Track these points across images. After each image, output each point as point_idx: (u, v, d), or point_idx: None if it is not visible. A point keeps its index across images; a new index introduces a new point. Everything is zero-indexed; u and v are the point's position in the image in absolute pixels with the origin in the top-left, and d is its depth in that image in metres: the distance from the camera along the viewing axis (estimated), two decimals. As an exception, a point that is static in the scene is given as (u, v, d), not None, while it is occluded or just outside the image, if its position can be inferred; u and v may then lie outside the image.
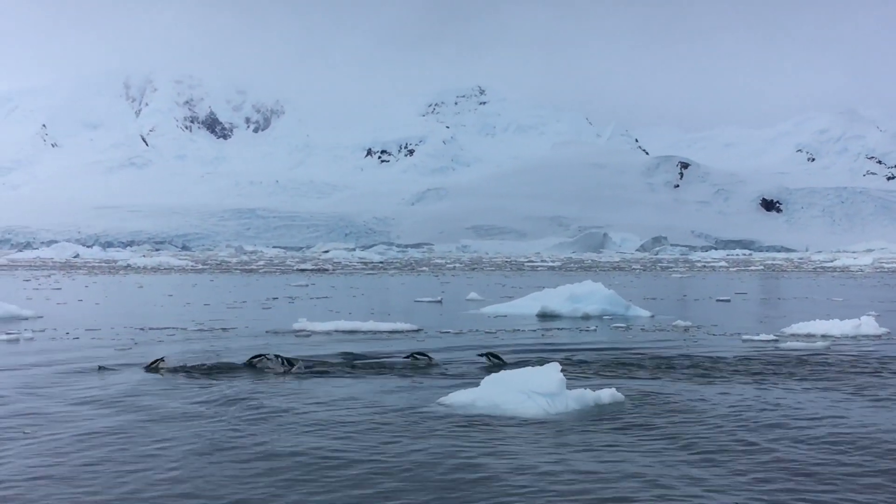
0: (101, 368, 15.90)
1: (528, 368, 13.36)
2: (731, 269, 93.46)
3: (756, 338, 22.03)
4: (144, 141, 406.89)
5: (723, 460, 9.73)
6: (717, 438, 10.68)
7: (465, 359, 17.72)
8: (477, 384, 13.05)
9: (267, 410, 12.13)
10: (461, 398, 12.54)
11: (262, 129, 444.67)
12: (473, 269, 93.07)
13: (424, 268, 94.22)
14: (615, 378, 15.16)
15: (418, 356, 17.26)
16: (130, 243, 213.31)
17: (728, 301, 39.52)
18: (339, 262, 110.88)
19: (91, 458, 9.63)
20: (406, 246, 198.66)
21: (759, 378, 15.36)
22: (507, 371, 13.36)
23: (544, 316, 29.63)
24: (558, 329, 25.52)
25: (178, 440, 10.42)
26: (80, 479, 8.86)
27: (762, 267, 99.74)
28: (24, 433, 10.67)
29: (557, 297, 30.94)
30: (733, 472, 9.27)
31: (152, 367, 15.82)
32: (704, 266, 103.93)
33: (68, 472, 9.12)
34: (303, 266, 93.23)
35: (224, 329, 24.32)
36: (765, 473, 9.21)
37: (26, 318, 27.23)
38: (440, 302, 37.55)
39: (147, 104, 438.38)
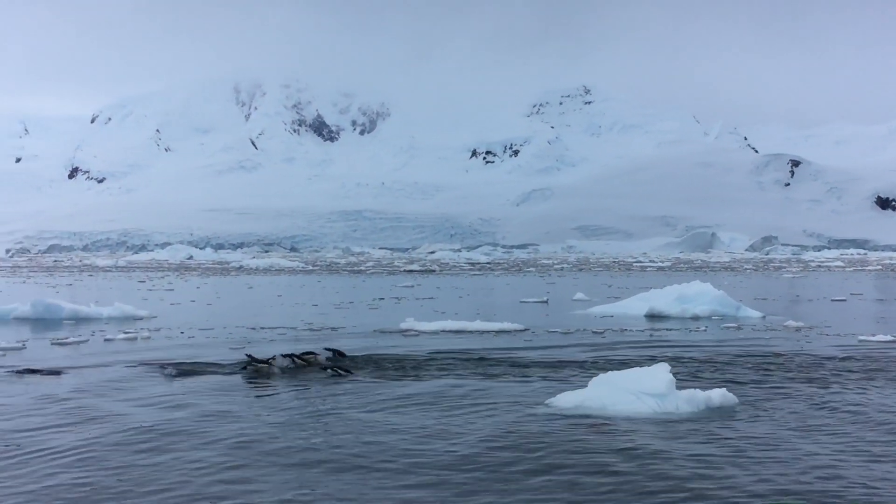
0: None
1: (637, 369, 13.19)
2: (846, 269, 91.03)
3: (872, 339, 21.40)
4: (254, 144, 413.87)
5: (840, 463, 9.47)
6: (833, 441, 10.41)
7: (575, 358, 17.59)
8: (584, 385, 12.95)
9: (369, 414, 12.19)
10: (569, 399, 12.43)
11: (368, 132, 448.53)
12: (580, 269, 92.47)
13: (531, 269, 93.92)
14: (726, 379, 14.88)
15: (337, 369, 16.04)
16: (240, 245, 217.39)
17: (843, 301, 38.48)
18: (447, 264, 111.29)
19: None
20: (511, 247, 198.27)
21: (874, 379, 14.91)
22: (616, 372, 13.21)
23: (652, 316, 29.29)
24: (667, 329, 25.18)
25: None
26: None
27: (880, 266, 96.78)
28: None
29: (665, 298, 30.55)
30: (857, 470, 9.02)
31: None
32: (819, 266, 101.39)
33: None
34: (410, 267, 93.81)
35: (333, 329, 24.59)
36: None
37: (141, 318, 27.95)
38: (546, 302, 37.38)
39: (256, 108, 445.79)
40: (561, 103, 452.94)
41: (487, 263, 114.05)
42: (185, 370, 15.83)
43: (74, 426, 11.14)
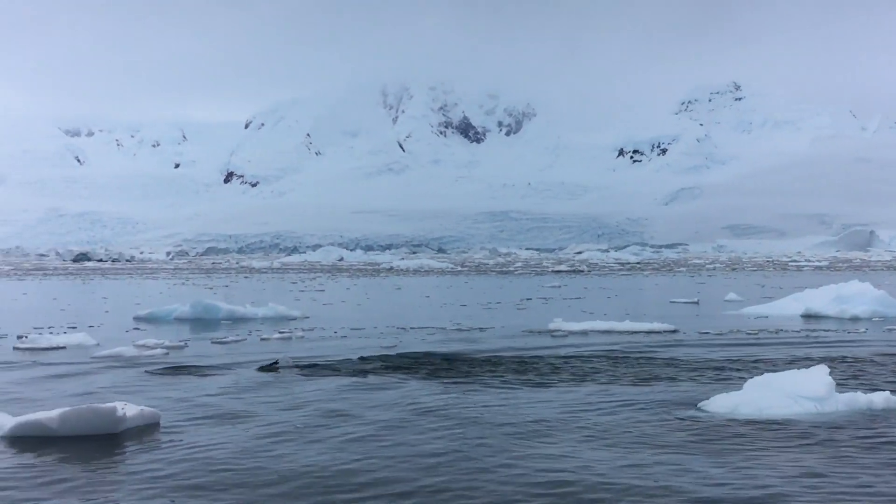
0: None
1: (794, 371, 12.80)
2: None
3: None
4: (401, 147, 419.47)
5: None
6: None
7: (729, 360, 17.19)
8: (739, 387, 12.63)
9: (519, 417, 12.15)
10: (723, 402, 12.12)
11: (514, 133, 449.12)
12: (733, 269, 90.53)
13: (681, 268, 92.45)
14: (889, 382, 14.30)
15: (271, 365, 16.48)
16: (389, 246, 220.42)
17: None
18: (595, 264, 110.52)
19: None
20: (660, 246, 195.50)
21: None
22: (772, 374, 12.85)
23: (809, 317, 28.44)
24: (824, 330, 24.36)
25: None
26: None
27: None
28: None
29: (822, 298, 29.62)
30: None
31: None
32: None
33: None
34: (558, 268, 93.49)
35: (481, 329, 24.66)
36: None
37: (295, 318, 28.57)
38: (697, 303, 36.70)
39: (403, 111, 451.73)
40: (710, 100, 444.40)
41: (637, 263, 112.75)
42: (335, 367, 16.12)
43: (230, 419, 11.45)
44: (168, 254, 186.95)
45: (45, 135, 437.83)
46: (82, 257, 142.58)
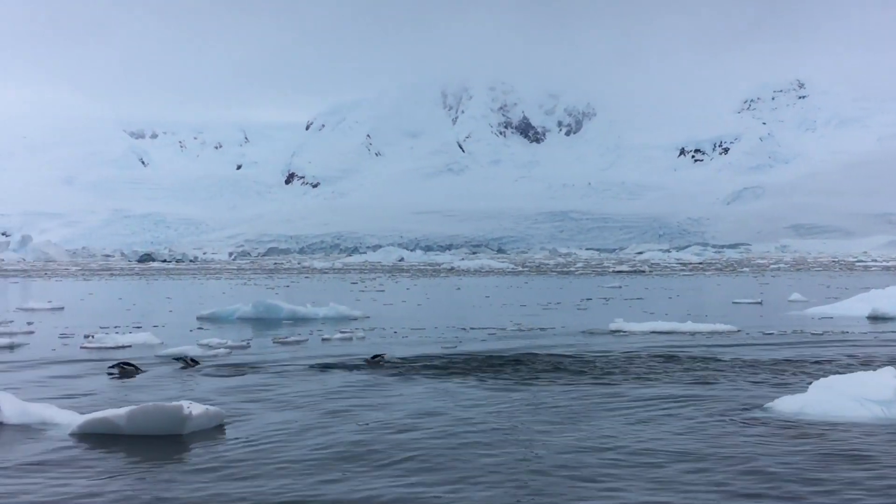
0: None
1: (861, 373, 12.62)
2: None
3: None
4: (461, 147, 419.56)
5: None
6: None
7: (793, 361, 16.97)
8: (804, 389, 12.48)
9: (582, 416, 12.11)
10: (789, 404, 11.98)
11: (574, 132, 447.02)
12: (797, 269, 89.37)
13: (744, 269, 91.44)
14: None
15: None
16: (449, 247, 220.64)
17: None
18: (657, 264, 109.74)
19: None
20: (722, 246, 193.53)
21: None
22: (838, 376, 12.68)
23: (875, 318, 27.96)
24: (891, 332, 23.96)
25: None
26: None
27: None
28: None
29: (889, 299, 29.13)
30: None
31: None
32: None
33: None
34: (619, 268, 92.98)
35: (541, 329, 24.61)
36: None
37: (356, 318, 28.72)
38: (760, 303, 36.28)
39: (463, 112, 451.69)
40: (773, 98, 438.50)
41: (699, 264, 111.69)
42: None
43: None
44: (230, 254, 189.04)
45: (110, 137, 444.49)
46: (147, 258, 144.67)
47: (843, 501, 8.10)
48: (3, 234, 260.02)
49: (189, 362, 17.16)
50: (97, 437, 10.40)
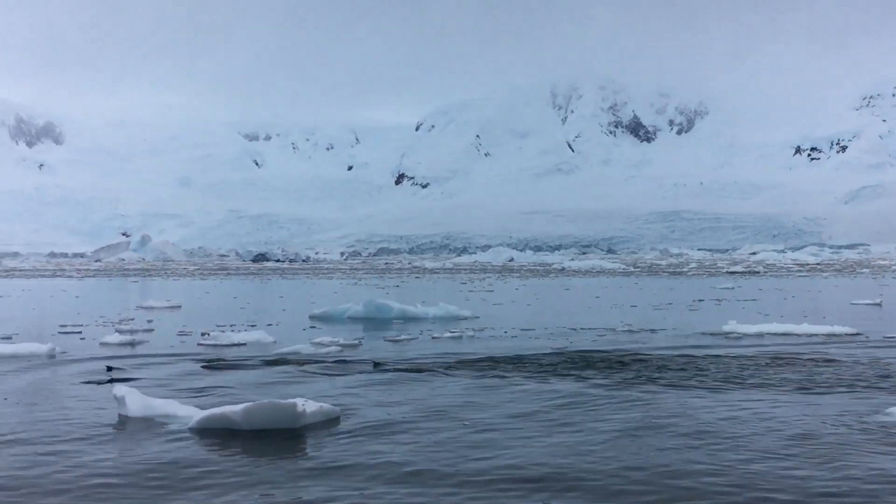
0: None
1: None
2: None
3: None
4: (570, 147, 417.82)
5: None
6: None
7: (911, 366, 16.46)
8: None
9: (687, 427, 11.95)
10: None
11: (686, 131, 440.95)
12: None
13: (863, 270, 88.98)
14: None
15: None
16: (558, 247, 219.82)
17: None
18: (772, 265, 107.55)
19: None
20: (839, 247, 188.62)
21: None
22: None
23: None
24: None
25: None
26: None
27: None
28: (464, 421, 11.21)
29: None
30: None
31: None
32: None
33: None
34: (733, 268, 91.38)
35: (652, 330, 24.36)
36: None
37: (465, 318, 28.81)
38: (880, 304, 35.27)
39: (573, 111, 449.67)
40: (894, 94, 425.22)
41: (816, 264, 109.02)
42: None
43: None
44: (342, 254, 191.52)
45: (225, 139, 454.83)
46: (260, 257, 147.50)
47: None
48: (123, 234, 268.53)
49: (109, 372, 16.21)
50: (215, 432, 10.67)
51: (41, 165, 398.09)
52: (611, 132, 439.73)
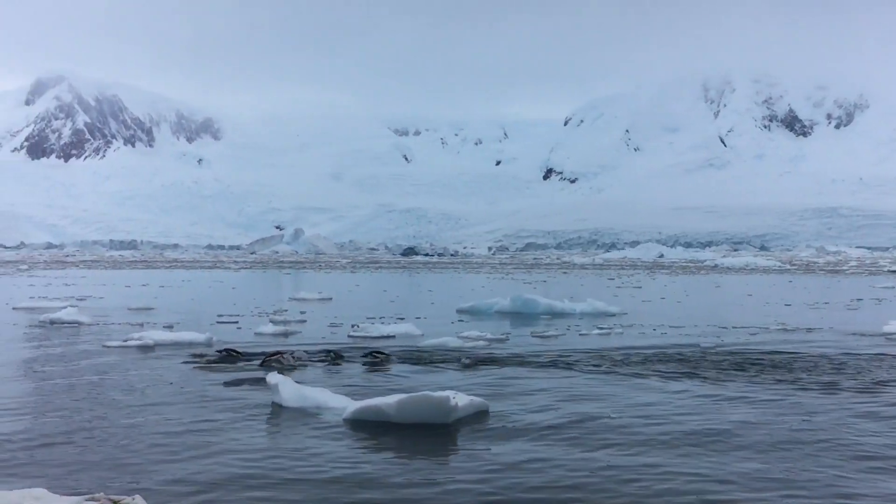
0: None
1: None
2: None
3: None
4: (722, 142, 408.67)
5: None
6: None
7: None
8: None
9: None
10: None
11: (845, 125, 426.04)
12: None
13: None
14: None
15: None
16: (709, 244, 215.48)
17: None
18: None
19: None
20: None
21: None
22: None
23: None
24: None
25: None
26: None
27: None
28: (611, 417, 11.14)
29: None
30: None
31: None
32: None
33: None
34: (894, 267, 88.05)
35: (808, 329, 23.71)
36: None
37: (613, 315, 28.58)
38: None
39: (725, 105, 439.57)
40: None
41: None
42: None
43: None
44: (489, 249, 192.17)
45: (375, 135, 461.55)
46: (409, 251, 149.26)
47: None
48: (277, 227, 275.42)
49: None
50: (368, 423, 10.88)
51: (200, 160, 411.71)
52: (765, 126, 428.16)
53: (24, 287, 44.92)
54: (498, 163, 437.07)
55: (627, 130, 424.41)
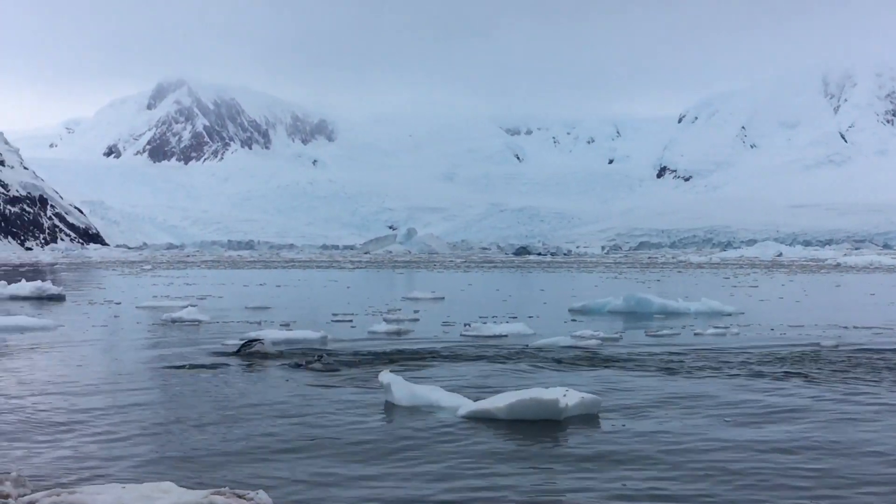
0: None
1: None
2: None
3: None
4: (843, 137, 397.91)
5: None
6: None
7: None
8: None
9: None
10: None
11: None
12: None
13: None
14: None
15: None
16: (828, 242, 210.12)
17: None
18: None
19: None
20: None
21: None
22: None
23: None
24: None
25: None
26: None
27: None
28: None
29: None
30: None
31: None
32: None
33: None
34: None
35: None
36: None
37: (729, 314, 28.10)
38: None
39: (846, 100, 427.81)
40: None
41: None
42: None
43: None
44: (602, 248, 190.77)
45: (488, 134, 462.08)
46: (522, 251, 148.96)
47: None
48: (390, 227, 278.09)
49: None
50: (480, 422, 10.96)
51: (315, 161, 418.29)
52: (888, 121, 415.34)
53: (147, 287, 46.23)
54: (611, 161, 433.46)
55: (743, 127, 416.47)
